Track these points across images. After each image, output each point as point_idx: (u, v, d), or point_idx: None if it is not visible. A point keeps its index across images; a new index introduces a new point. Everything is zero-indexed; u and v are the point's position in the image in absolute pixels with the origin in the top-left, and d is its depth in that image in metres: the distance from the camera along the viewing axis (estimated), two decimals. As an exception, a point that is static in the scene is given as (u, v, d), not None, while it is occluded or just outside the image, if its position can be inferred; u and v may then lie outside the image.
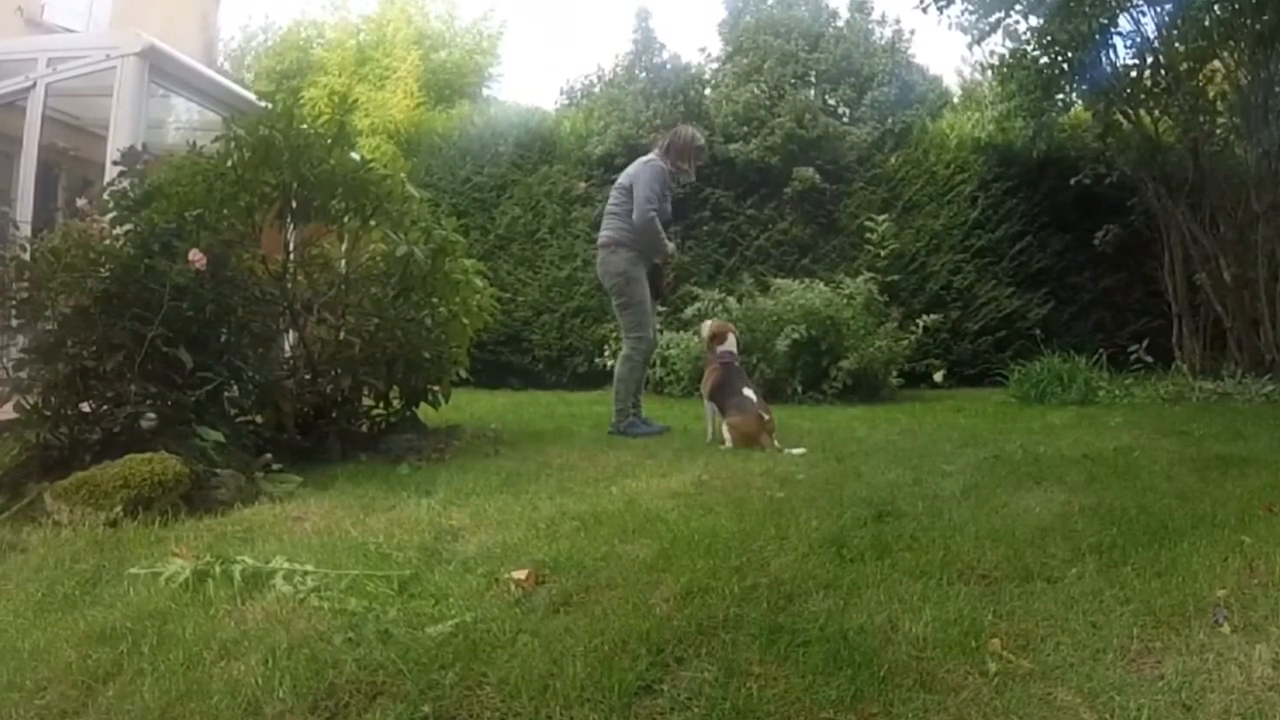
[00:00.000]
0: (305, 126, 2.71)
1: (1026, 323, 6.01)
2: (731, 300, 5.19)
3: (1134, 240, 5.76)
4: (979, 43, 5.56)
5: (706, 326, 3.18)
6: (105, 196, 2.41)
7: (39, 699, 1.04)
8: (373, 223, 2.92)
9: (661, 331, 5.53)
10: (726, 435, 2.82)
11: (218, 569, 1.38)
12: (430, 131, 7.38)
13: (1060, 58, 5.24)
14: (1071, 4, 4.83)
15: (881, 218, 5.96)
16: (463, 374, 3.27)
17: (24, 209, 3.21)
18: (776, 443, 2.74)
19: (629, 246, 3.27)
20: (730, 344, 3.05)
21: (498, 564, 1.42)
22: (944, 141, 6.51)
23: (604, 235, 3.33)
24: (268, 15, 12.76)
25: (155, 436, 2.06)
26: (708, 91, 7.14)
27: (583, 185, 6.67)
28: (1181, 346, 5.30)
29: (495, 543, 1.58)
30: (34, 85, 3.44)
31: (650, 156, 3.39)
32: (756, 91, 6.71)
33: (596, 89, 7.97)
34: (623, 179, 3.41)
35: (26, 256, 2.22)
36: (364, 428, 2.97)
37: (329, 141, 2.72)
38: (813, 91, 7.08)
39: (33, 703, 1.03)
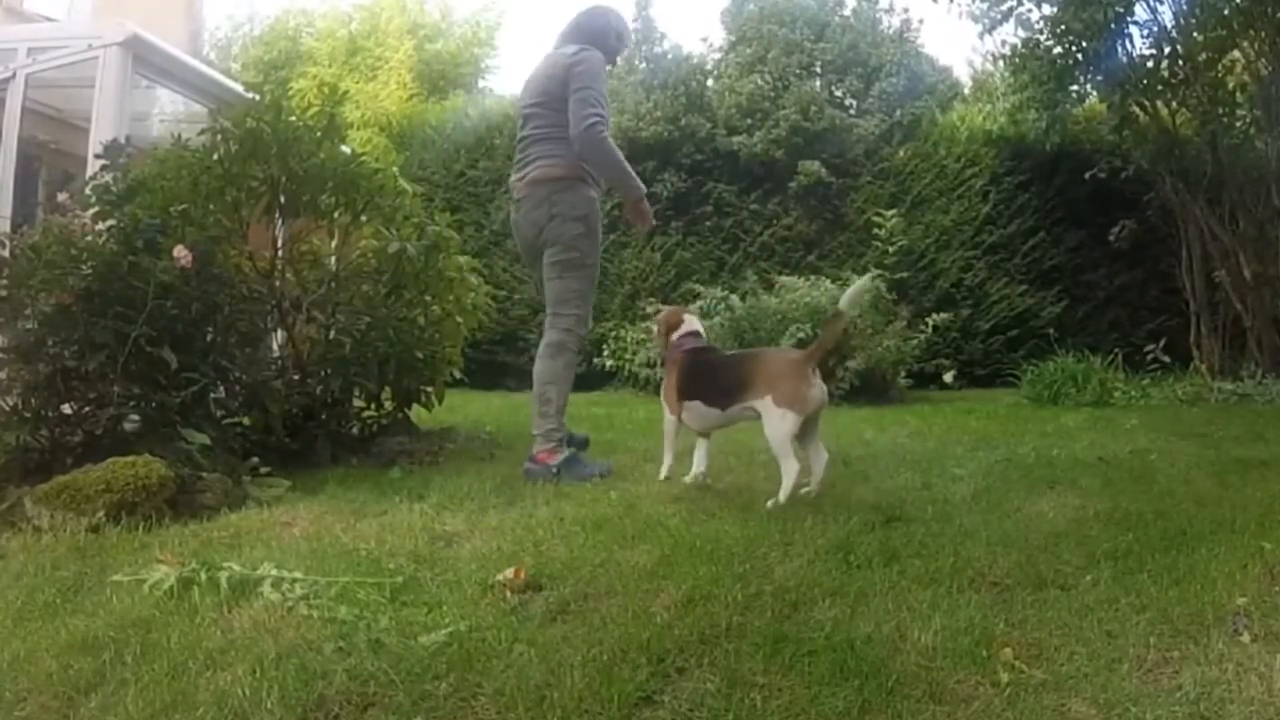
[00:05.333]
0: (294, 119, 2.65)
1: (1039, 321, 5.97)
2: (735, 298, 5.13)
3: (1150, 236, 5.72)
4: (990, 32, 5.53)
5: (660, 319, 2.26)
6: (87, 191, 2.36)
7: (19, 710, 1.02)
8: (364, 218, 2.87)
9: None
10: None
11: (203, 576, 1.35)
12: (423, 124, 7.30)
13: (1074, 47, 5.18)
14: (1086, -8, 4.79)
15: (890, 213, 5.91)
16: (457, 375, 3.22)
17: (3, 204, 3.17)
18: None
19: (587, 181, 2.27)
20: (692, 326, 2.15)
21: (493, 571, 1.39)
22: (954, 134, 6.46)
23: (548, 165, 2.26)
24: (253, 4, 12.65)
25: (139, 439, 2.02)
26: (710, 82, 7.08)
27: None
28: (1200, 346, 5.25)
29: (490, 549, 1.55)
30: (13, 76, 3.38)
31: (576, 47, 2.31)
32: (760, 83, 6.65)
33: (594, 81, 7.89)
34: (540, 83, 2.31)
35: (6, 253, 2.17)
36: (355, 430, 2.92)
37: (319, 134, 2.67)
38: (818, 82, 7.03)
39: (12, 714, 1.01)
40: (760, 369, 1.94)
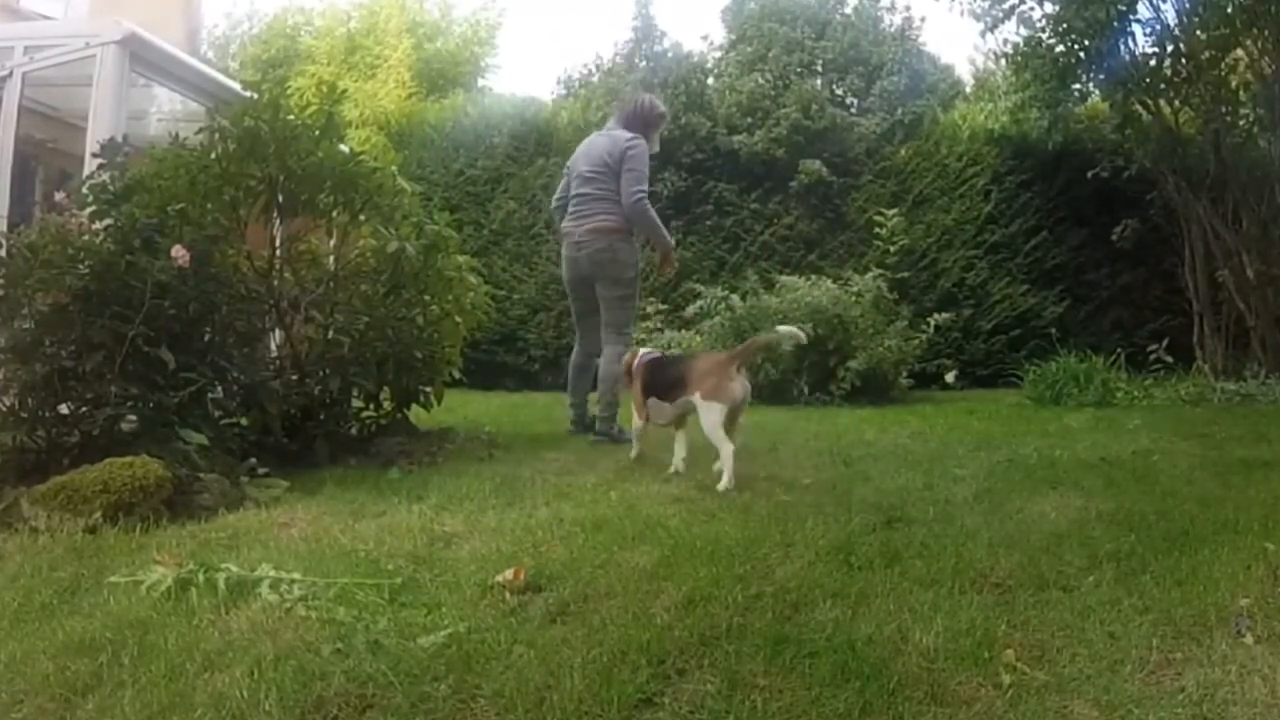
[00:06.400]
0: (292, 117, 2.64)
1: (1042, 321, 5.93)
2: (735, 298, 5.09)
3: (1153, 236, 5.68)
4: (992, 30, 5.45)
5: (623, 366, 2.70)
6: (84, 190, 2.35)
7: (15, 712, 1.01)
8: (362, 217, 2.86)
9: (662, 330, 5.50)
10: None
11: (201, 577, 1.34)
12: (422, 123, 7.27)
13: (1077, 46, 5.12)
14: (1088, -11, 4.73)
15: (891, 212, 5.88)
16: (456, 375, 3.21)
17: (0, 203, 3.14)
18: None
19: (634, 234, 3.12)
20: (644, 350, 2.63)
21: (492, 572, 1.38)
22: (956, 133, 6.41)
23: (606, 220, 3.05)
24: (251, 2, 12.57)
25: (136, 439, 2.01)
26: (710, 81, 7.05)
27: (579, 179, 6.59)
28: (1203, 346, 5.21)
29: (489, 550, 1.55)
30: (10, 74, 3.35)
31: (630, 134, 3.09)
32: (761, 81, 6.62)
33: (595, 78, 7.86)
34: (601, 155, 3.09)
35: (2, 253, 2.16)
36: (353, 430, 2.91)
37: (317, 133, 2.65)
38: (819, 81, 6.99)
39: (9, 716, 1.01)
40: (693, 369, 2.29)
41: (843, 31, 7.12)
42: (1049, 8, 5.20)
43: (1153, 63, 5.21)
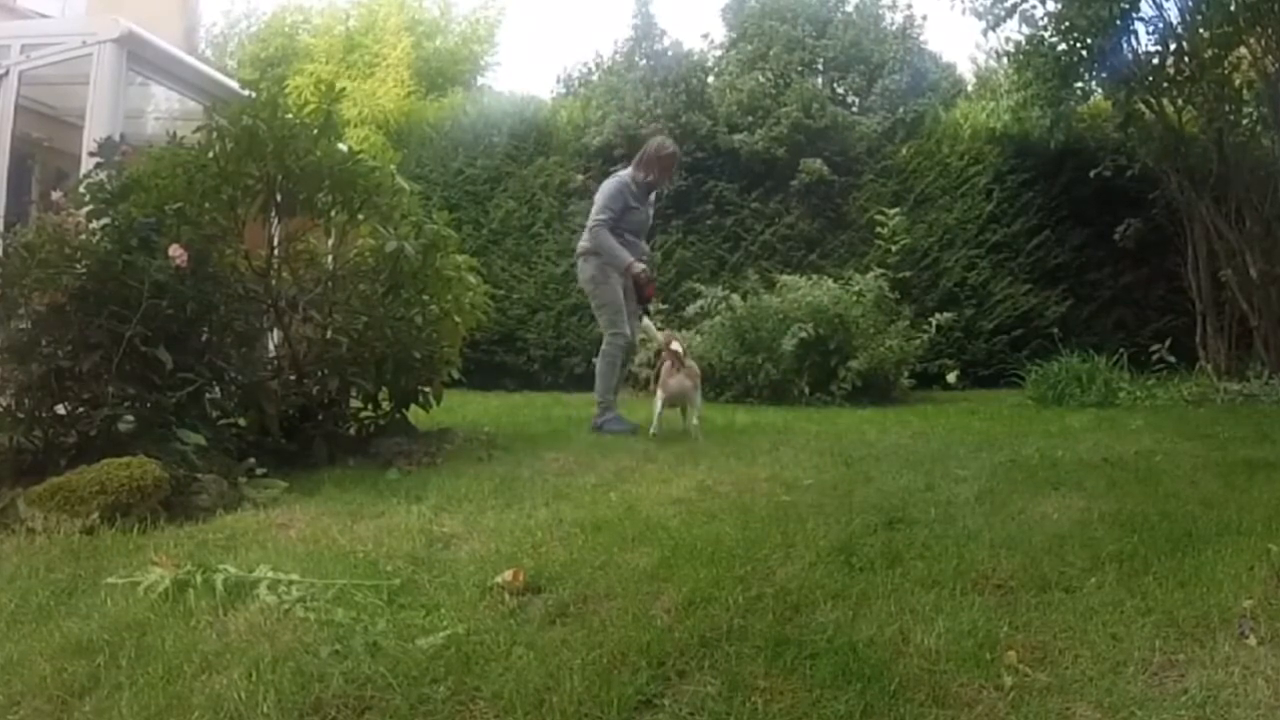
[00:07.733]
0: (290, 116, 2.64)
1: (1044, 321, 5.90)
2: (735, 297, 5.07)
3: (1156, 235, 5.65)
4: (994, 28, 5.42)
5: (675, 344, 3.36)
6: (81, 189, 2.34)
7: (12, 714, 1.01)
8: (361, 217, 2.85)
9: (662, 329, 5.51)
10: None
11: (199, 578, 1.34)
12: (421, 121, 7.26)
13: (1079, 44, 5.10)
14: (1091, -13, 4.72)
15: (892, 211, 5.85)
16: (455, 375, 3.20)
17: (-4, 203, 3.13)
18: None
19: (598, 254, 3.52)
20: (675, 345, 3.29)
21: (491, 573, 1.38)
22: (958, 132, 6.38)
23: (581, 243, 3.62)
24: (250, 0, 12.53)
25: (133, 440, 2.00)
26: (710, 79, 7.02)
27: (580, 177, 6.57)
28: (1206, 346, 5.19)
29: (489, 551, 1.54)
30: (7, 73, 3.35)
31: (617, 172, 3.62)
32: (761, 79, 6.60)
33: (595, 77, 7.85)
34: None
35: (-1, 252, 2.15)
36: (352, 431, 2.91)
37: (315, 132, 2.64)
38: (820, 80, 6.96)
39: (5, 718, 1.01)
40: (660, 370, 3.21)
41: (844, 30, 7.09)
42: (1051, 6, 5.18)
43: (1155, 61, 5.19)
